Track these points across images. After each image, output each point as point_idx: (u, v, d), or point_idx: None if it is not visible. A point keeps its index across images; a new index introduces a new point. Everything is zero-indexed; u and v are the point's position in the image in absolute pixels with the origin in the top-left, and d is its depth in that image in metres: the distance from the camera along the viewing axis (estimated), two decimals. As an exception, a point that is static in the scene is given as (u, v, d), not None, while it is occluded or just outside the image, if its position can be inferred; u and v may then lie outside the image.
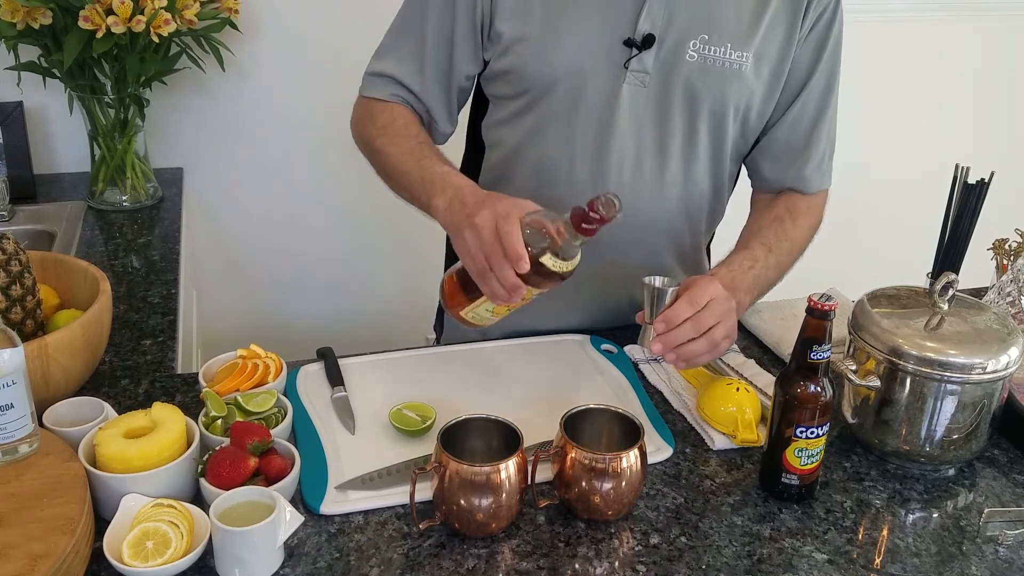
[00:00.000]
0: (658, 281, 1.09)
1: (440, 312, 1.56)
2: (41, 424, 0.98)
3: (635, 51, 1.21)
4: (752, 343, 1.38)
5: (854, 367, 1.10)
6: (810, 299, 0.97)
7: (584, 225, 1.01)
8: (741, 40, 1.22)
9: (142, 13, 1.62)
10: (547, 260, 1.03)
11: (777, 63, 1.26)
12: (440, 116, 1.33)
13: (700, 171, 1.32)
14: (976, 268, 1.36)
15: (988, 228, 1.31)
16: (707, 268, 1.49)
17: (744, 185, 1.42)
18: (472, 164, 1.45)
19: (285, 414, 1.06)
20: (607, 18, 1.21)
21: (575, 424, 1.01)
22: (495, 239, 1.02)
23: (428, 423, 1.10)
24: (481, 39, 1.27)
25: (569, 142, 1.27)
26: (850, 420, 1.14)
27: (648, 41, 1.20)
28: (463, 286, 1.12)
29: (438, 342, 1.59)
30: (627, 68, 1.22)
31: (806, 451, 1.01)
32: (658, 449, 1.10)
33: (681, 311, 1.06)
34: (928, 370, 1.05)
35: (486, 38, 1.26)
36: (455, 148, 1.44)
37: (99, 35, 1.60)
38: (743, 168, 1.41)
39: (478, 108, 1.40)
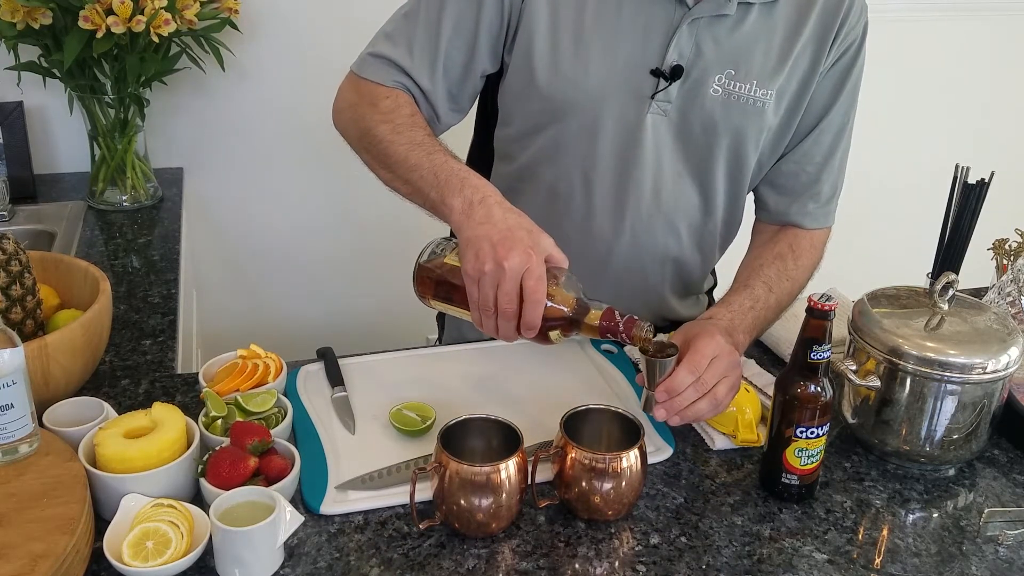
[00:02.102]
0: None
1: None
2: (41, 424, 0.98)
3: (663, 82, 1.19)
4: (752, 343, 1.37)
5: (854, 367, 1.10)
6: (810, 299, 0.97)
7: (608, 335, 1.00)
8: (767, 78, 1.20)
9: (142, 13, 1.62)
10: (554, 335, 1.02)
11: (796, 97, 1.24)
12: (444, 112, 1.25)
13: (718, 202, 1.31)
14: (976, 268, 1.36)
15: (988, 228, 1.31)
16: (703, 289, 1.49)
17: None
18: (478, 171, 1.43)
19: (285, 414, 1.06)
20: (636, 46, 1.18)
21: (575, 424, 1.01)
22: (516, 297, 0.97)
23: (428, 423, 1.10)
24: (505, 36, 1.21)
25: (588, 168, 1.25)
26: (850, 420, 1.14)
27: (676, 73, 1.18)
28: (449, 286, 1.06)
29: (439, 342, 1.59)
30: (653, 99, 1.20)
31: (806, 451, 1.01)
32: (658, 449, 1.10)
33: (683, 380, 1.01)
34: (928, 370, 1.05)
35: (510, 36, 1.21)
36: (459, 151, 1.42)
37: (99, 35, 1.60)
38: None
39: (486, 115, 1.36)
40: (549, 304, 0.99)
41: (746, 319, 1.17)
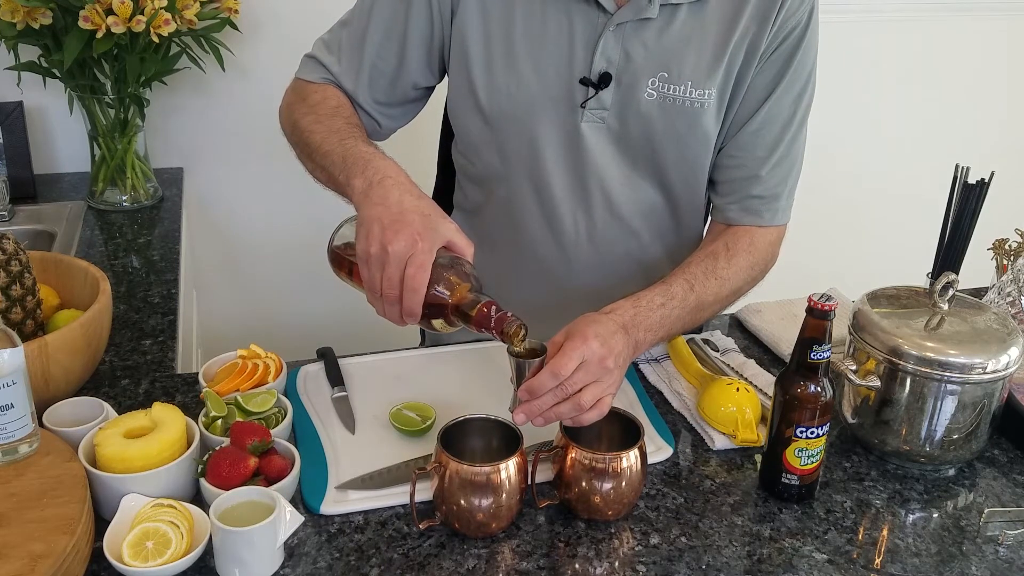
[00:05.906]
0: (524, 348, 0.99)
1: None
2: (41, 424, 0.98)
3: (592, 90, 1.18)
4: (752, 343, 1.38)
5: (854, 367, 1.10)
6: (810, 299, 0.97)
7: (483, 330, 0.95)
8: (702, 78, 1.17)
9: (142, 13, 1.62)
10: (437, 323, 0.98)
11: (734, 90, 1.21)
12: (379, 118, 1.27)
13: (680, 206, 1.29)
14: (976, 268, 1.36)
15: (988, 228, 1.31)
16: None
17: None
18: (445, 190, 1.43)
19: (285, 414, 1.06)
20: (563, 56, 1.18)
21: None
22: (399, 282, 0.94)
23: (428, 423, 1.10)
24: (441, 51, 1.23)
25: (536, 179, 1.25)
26: (850, 420, 1.14)
27: (604, 80, 1.17)
28: (353, 263, 1.03)
29: (422, 342, 1.59)
30: (584, 107, 1.19)
31: (806, 451, 1.01)
32: (658, 449, 1.10)
33: (544, 382, 0.97)
34: (928, 370, 1.05)
35: (447, 51, 1.23)
36: (428, 173, 1.42)
37: (99, 35, 1.60)
38: None
39: (448, 133, 1.37)
40: (434, 291, 0.95)
41: (652, 316, 1.10)
